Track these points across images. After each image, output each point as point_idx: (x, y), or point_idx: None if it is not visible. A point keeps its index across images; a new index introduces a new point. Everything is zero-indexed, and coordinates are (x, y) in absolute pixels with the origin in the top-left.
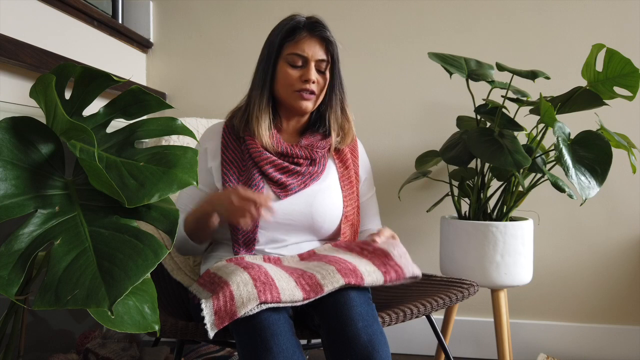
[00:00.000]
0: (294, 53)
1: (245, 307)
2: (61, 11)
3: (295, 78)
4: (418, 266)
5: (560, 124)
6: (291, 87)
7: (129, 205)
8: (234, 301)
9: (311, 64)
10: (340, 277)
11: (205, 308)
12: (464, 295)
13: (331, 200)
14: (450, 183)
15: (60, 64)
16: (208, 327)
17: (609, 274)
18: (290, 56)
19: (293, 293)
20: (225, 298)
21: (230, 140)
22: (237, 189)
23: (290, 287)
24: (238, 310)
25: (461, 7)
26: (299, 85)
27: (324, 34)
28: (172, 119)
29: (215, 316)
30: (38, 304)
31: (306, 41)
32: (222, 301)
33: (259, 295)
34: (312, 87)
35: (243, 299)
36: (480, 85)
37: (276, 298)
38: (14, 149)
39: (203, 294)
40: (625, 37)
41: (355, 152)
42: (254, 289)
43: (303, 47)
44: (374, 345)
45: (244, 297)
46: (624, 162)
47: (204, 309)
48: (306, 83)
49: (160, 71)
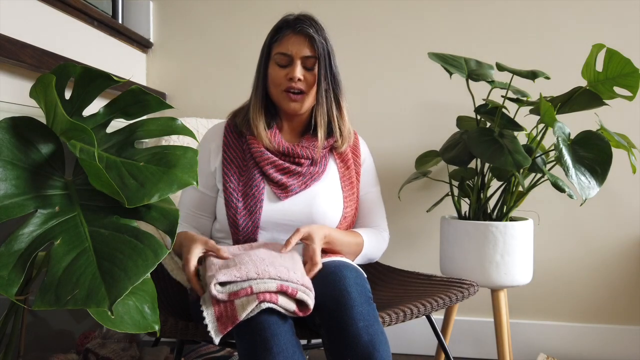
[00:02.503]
0: (279, 52)
1: (246, 310)
2: (61, 11)
3: (282, 77)
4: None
5: (560, 124)
6: (279, 87)
7: (129, 205)
8: (234, 305)
9: (296, 62)
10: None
11: (207, 315)
12: (464, 295)
13: (331, 201)
14: (450, 183)
15: (60, 64)
16: (212, 334)
17: (609, 274)
18: (277, 56)
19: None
20: (226, 303)
21: (232, 139)
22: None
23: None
24: (239, 314)
25: (461, 7)
26: (285, 84)
27: (307, 31)
28: (172, 119)
29: (218, 322)
30: (38, 304)
31: (290, 39)
32: (223, 306)
33: (258, 295)
34: (298, 85)
35: (242, 302)
36: (480, 85)
37: (275, 298)
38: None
39: (204, 298)
40: (625, 37)
41: (357, 151)
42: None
43: (287, 46)
44: (375, 345)
45: (243, 300)
46: (624, 162)
47: (206, 317)
48: (291, 81)
49: (160, 71)
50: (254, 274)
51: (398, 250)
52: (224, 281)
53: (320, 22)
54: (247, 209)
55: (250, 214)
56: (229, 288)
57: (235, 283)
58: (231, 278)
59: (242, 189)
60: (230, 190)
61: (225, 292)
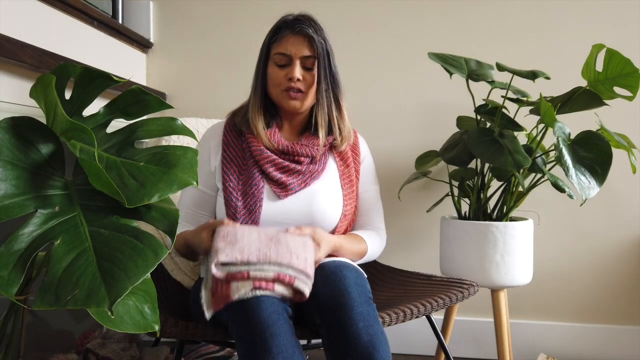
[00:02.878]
0: (278, 52)
1: (239, 292)
2: (61, 11)
3: (281, 77)
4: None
5: (560, 124)
6: (279, 87)
7: (129, 205)
8: (229, 286)
9: (296, 62)
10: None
11: (204, 289)
12: (464, 295)
13: (331, 200)
14: (450, 183)
15: (60, 64)
16: (205, 307)
17: (609, 274)
18: (276, 56)
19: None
20: (222, 282)
21: (231, 137)
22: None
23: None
24: (232, 294)
25: (461, 7)
26: (285, 84)
27: (306, 31)
28: (172, 119)
29: (213, 298)
30: (38, 304)
31: (289, 39)
32: (220, 285)
33: (254, 281)
34: (297, 85)
35: (237, 286)
36: (480, 85)
37: (270, 286)
38: (14, 149)
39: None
40: (625, 37)
41: (357, 150)
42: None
43: (286, 46)
44: (375, 346)
45: (239, 283)
46: (624, 162)
47: (203, 290)
48: (291, 81)
49: (160, 71)
50: (255, 258)
51: (398, 250)
52: (225, 262)
53: (319, 22)
54: (246, 208)
55: (250, 213)
56: (227, 268)
57: (235, 265)
58: (231, 259)
59: (242, 188)
60: (230, 190)
61: (223, 272)
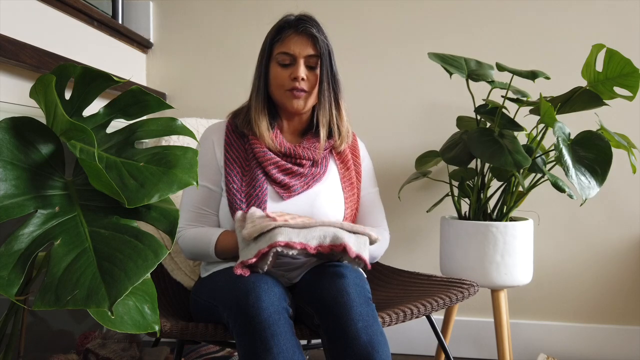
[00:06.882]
0: (282, 52)
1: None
2: (61, 11)
3: (285, 77)
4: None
5: (560, 124)
6: (282, 87)
7: (129, 205)
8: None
9: (300, 62)
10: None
11: (249, 245)
12: (464, 295)
13: (333, 202)
14: (450, 183)
15: (60, 64)
16: (242, 257)
17: (609, 274)
18: (279, 55)
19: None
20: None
21: (233, 138)
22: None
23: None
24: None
25: (461, 8)
26: (289, 84)
27: (309, 30)
28: (172, 119)
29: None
30: (38, 305)
31: (293, 39)
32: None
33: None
34: (301, 84)
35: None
36: (480, 85)
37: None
38: (14, 149)
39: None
40: (625, 37)
41: (356, 152)
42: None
43: (290, 45)
44: (374, 346)
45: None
46: (624, 162)
47: (246, 245)
48: (295, 81)
49: (160, 71)
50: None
51: (398, 250)
52: (283, 242)
53: (319, 22)
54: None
55: None
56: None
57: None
58: (288, 239)
59: (246, 190)
60: (234, 191)
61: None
